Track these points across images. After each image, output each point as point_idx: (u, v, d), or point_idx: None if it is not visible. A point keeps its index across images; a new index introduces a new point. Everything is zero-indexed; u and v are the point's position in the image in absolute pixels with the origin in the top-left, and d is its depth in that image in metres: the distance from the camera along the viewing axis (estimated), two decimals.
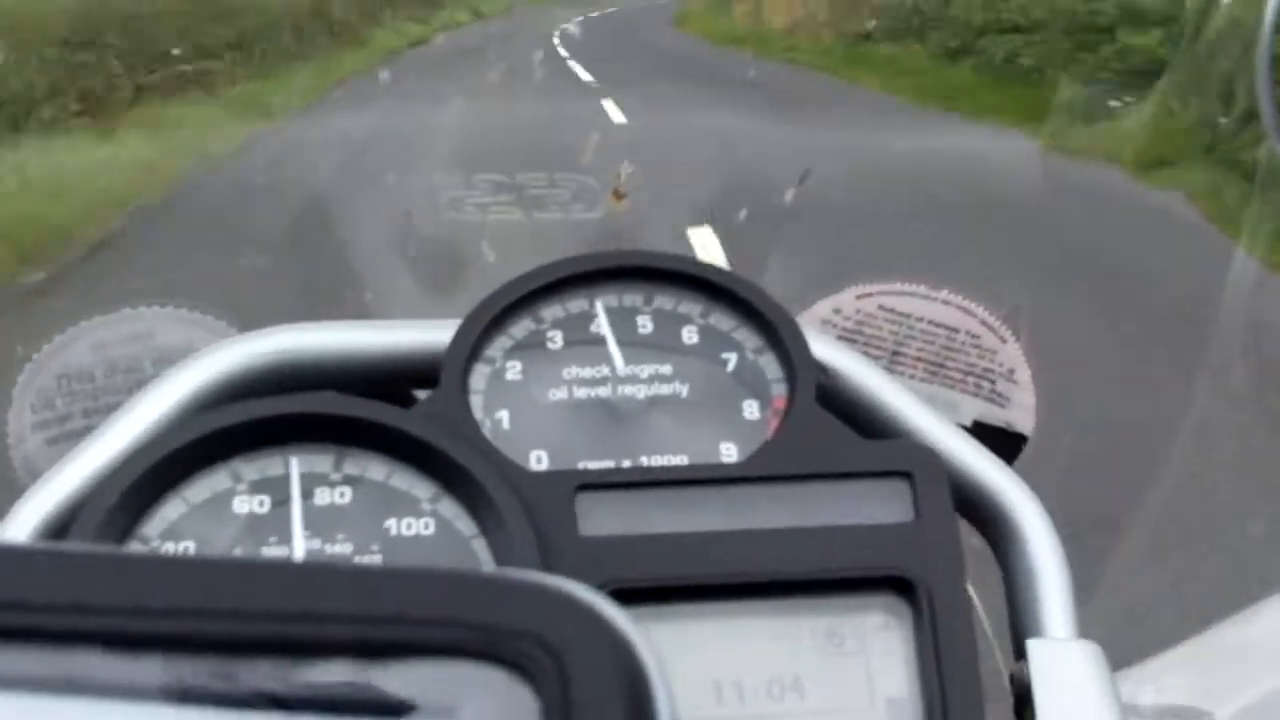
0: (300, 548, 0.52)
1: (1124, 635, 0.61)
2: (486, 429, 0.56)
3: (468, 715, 0.24)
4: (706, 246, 4.97)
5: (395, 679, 0.24)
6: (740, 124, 8.04)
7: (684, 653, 0.51)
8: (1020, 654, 0.54)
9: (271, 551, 0.52)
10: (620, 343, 0.59)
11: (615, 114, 9.19)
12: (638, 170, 4.94)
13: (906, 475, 0.55)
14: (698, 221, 5.26)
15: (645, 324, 0.60)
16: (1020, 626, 0.56)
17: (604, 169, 4.72)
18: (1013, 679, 0.54)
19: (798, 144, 6.97)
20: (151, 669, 0.24)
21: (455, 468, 0.53)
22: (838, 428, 0.58)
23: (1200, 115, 6.94)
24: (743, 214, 5.04)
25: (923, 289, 0.68)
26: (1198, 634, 0.63)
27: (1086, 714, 0.51)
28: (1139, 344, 4.24)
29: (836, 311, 0.67)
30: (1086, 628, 0.55)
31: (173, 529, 0.52)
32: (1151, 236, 5.61)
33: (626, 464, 0.56)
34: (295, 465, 0.53)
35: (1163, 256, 5.29)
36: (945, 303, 0.67)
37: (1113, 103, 8.05)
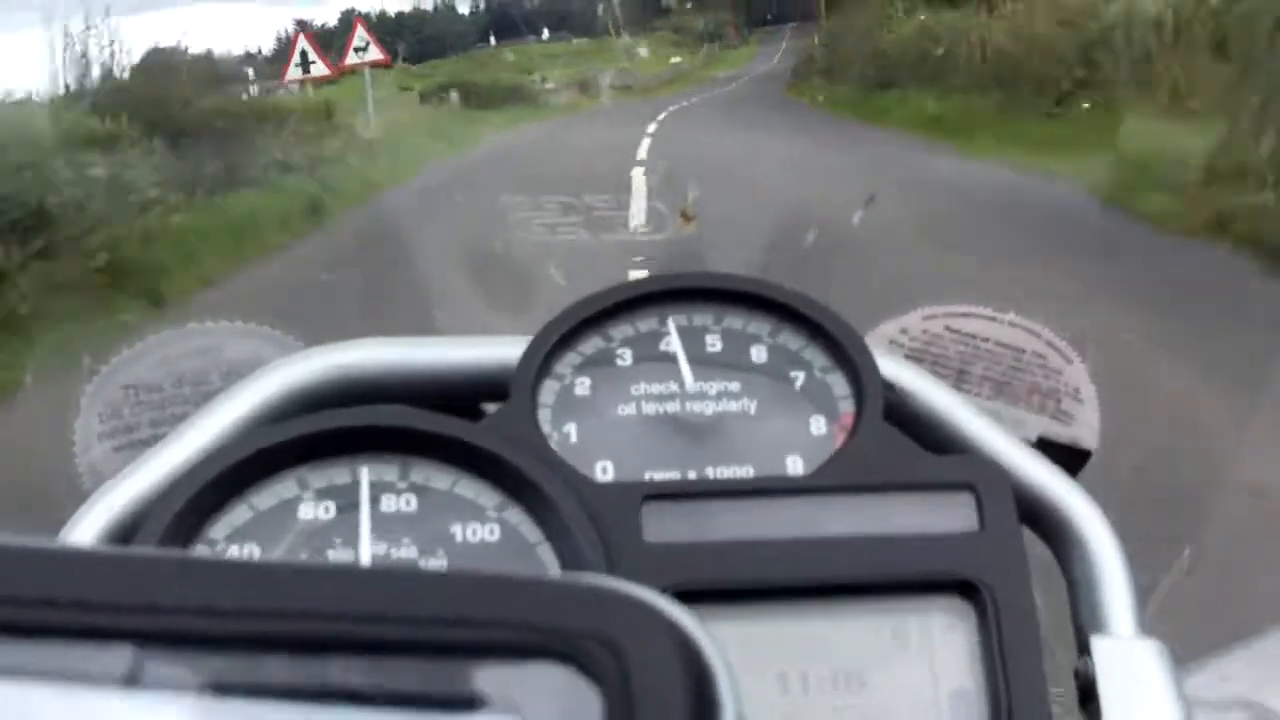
0: (367, 553, 0.52)
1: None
2: (554, 441, 0.57)
3: (533, 713, 0.25)
4: None
5: (462, 677, 0.25)
6: None
7: (748, 648, 0.52)
8: (1084, 650, 0.54)
9: (336, 556, 0.52)
10: (690, 360, 0.60)
11: None
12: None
13: (971, 487, 0.56)
14: None
15: (714, 343, 0.61)
16: (1084, 628, 0.56)
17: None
18: (1077, 674, 0.54)
19: None
20: (231, 666, 0.25)
21: (522, 478, 0.54)
22: (904, 443, 0.58)
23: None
24: None
25: (988, 311, 0.68)
26: (1264, 630, 0.62)
27: (1151, 708, 0.51)
28: None
29: (903, 332, 0.68)
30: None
31: (238, 533, 0.53)
32: None
33: (693, 476, 0.57)
34: (365, 474, 0.54)
35: None
36: (1011, 324, 0.68)
37: None
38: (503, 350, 0.61)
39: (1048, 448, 0.64)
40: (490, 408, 0.61)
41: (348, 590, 0.26)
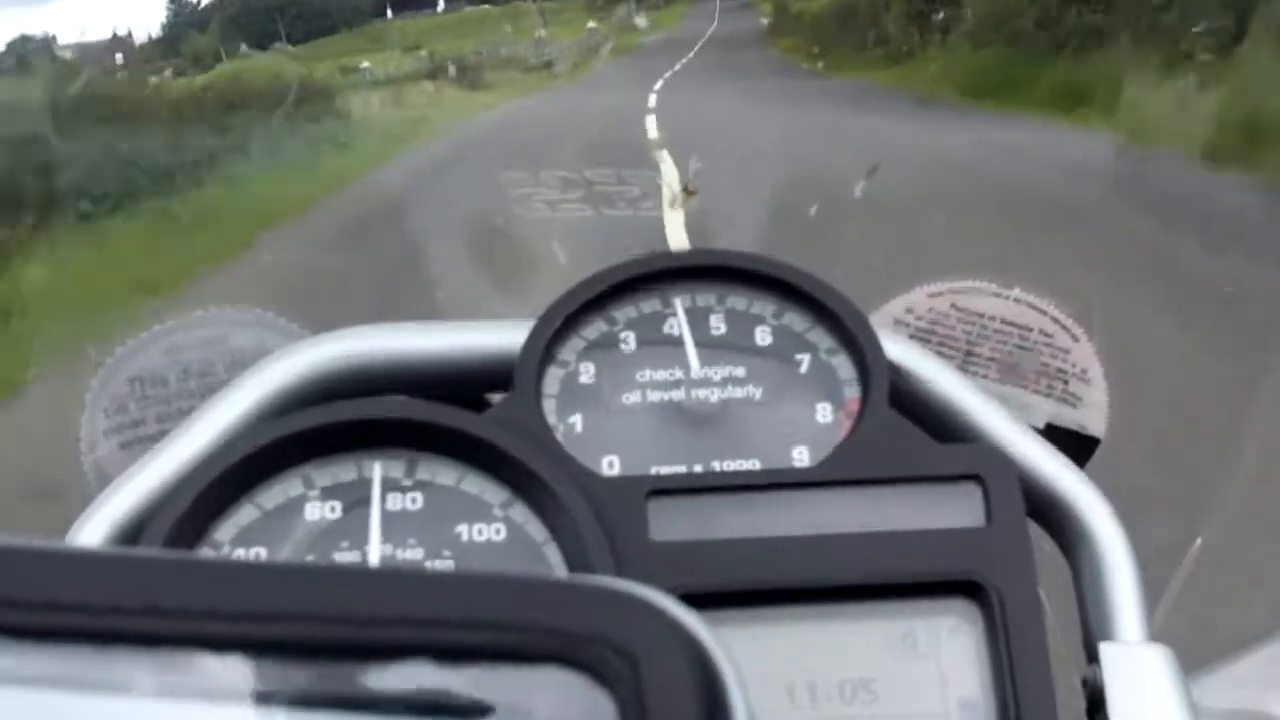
0: (376, 553, 0.52)
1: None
2: (560, 433, 0.56)
3: (544, 718, 0.24)
4: None
5: (471, 682, 0.25)
6: None
7: (756, 656, 0.51)
8: (1092, 657, 0.54)
9: (344, 557, 0.52)
10: (694, 343, 0.59)
11: None
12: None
13: (978, 479, 0.55)
14: None
15: (718, 324, 0.60)
16: (1092, 630, 0.55)
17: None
18: (1085, 682, 0.54)
19: None
20: (231, 672, 0.25)
21: (528, 474, 0.53)
22: (910, 430, 0.58)
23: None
24: None
25: (994, 287, 0.68)
26: (1272, 636, 0.62)
27: (1159, 717, 0.51)
28: None
29: (909, 310, 0.67)
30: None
31: (245, 534, 0.52)
32: None
33: (698, 469, 0.56)
34: (378, 470, 0.54)
35: None
36: (1017, 301, 0.67)
37: None
38: (505, 335, 0.60)
39: (1055, 435, 0.63)
40: (496, 397, 0.61)
41: (354, 592, 0.26)
